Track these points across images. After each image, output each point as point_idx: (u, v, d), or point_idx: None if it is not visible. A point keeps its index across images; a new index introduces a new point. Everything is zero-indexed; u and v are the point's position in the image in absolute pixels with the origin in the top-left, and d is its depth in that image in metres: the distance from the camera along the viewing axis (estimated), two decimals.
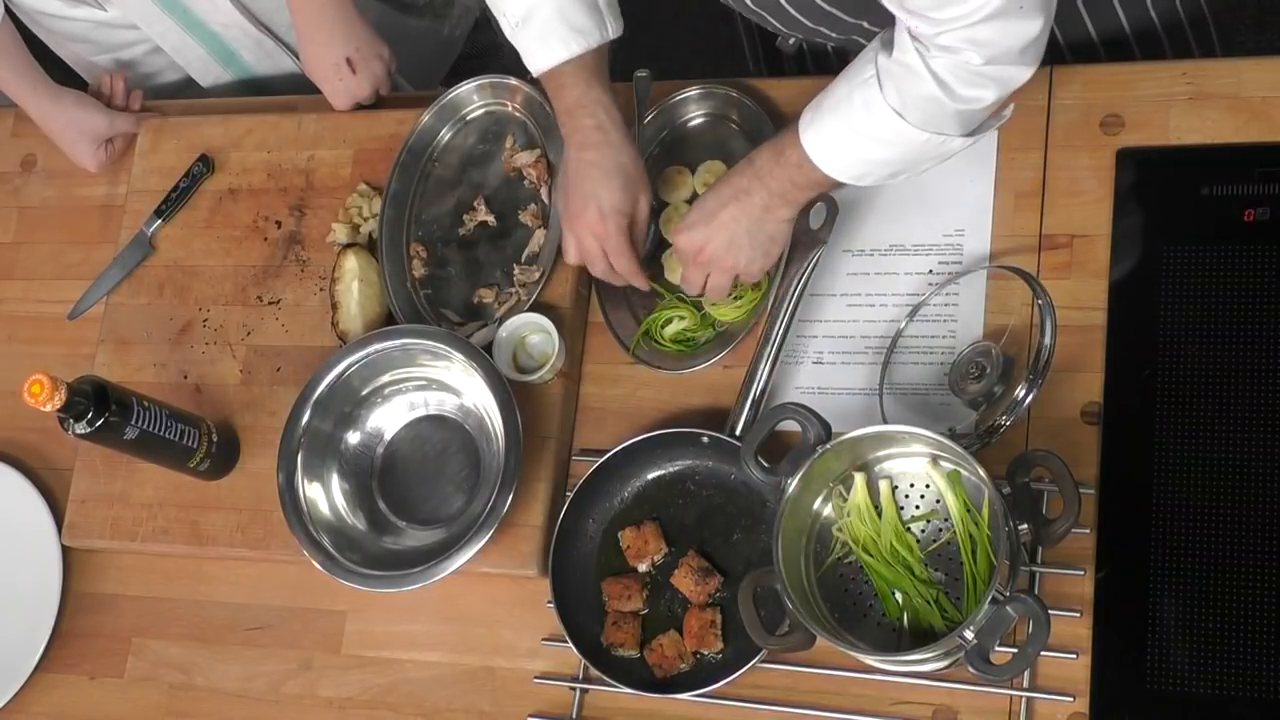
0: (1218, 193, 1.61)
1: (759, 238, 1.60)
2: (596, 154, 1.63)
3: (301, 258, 1.90)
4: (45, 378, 1.59)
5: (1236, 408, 1.54)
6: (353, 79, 1.95)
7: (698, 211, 1.62)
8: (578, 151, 1.65)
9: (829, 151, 1.50)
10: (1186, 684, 1.47)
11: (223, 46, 2.08)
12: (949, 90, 1.41)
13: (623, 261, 1.67)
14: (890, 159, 1.50)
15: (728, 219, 1.59)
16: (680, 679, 1.60)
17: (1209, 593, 1.49)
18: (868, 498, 1.51)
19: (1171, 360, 1.57)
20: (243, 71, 2.13)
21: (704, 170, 1.79)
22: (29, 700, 1.83)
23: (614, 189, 1.63)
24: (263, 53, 2.10)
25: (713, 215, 1.60)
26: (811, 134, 1.50)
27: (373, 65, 1.96)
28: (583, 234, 1.66)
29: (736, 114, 1.81)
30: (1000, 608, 1.38)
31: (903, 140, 1.46)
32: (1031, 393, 1.55)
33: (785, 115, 1.75)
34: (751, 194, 1.57)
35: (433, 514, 1.75)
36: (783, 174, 1.55)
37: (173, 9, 2.02)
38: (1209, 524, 1.51)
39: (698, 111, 1.83)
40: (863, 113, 1.46)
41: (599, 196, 1.63)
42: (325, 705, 1.75)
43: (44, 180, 2.11)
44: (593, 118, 1.63)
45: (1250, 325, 1.56)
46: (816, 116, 1.50)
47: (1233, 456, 1.53)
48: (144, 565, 1.86)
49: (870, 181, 1.54)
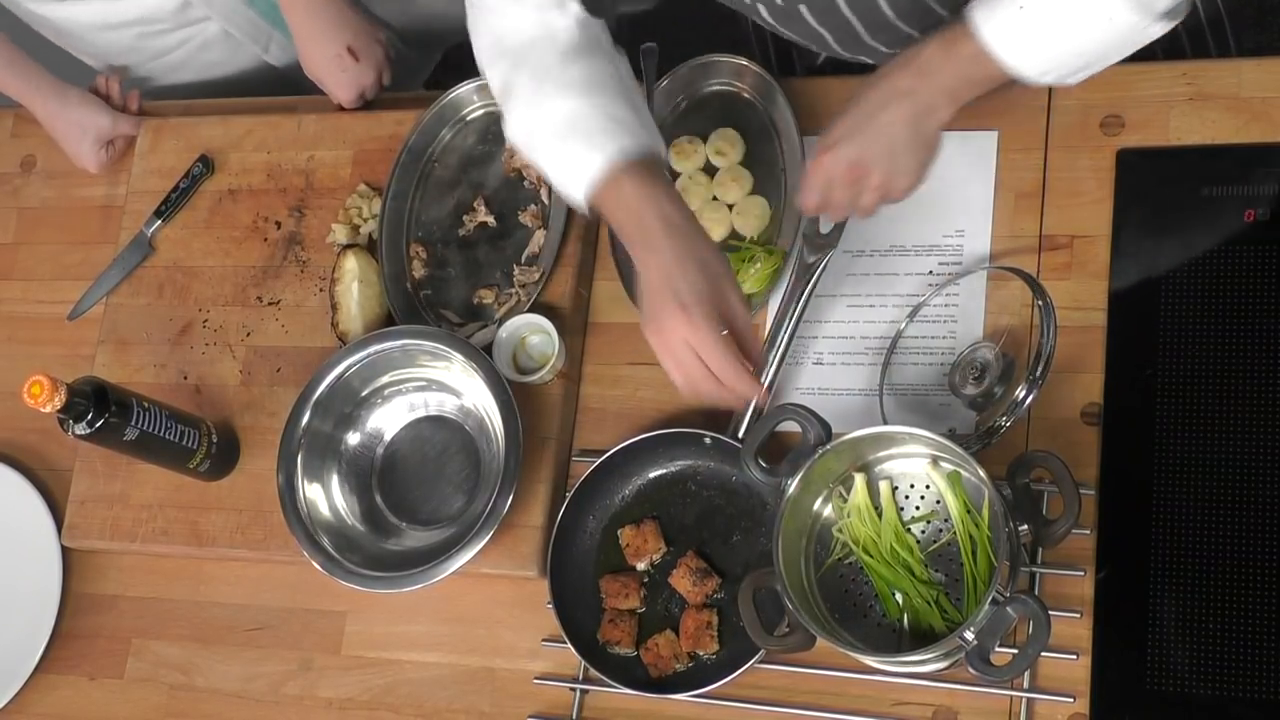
0: (1218, 193, 1.61)
1: (917, 145, 1.46)
2: (670, 250, 1.44)
3: (301, 258, 1.91)
4: (45, 378, 1.59)
5: (1237, 408, 1.54)
6: (355, 67, 1.93)
7: (846, 122, 1.47)
8: (646, 254, 1.46)
9: (1015, 41, 1.38)
10: (1186, 684, 1.47)
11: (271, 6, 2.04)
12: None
13: (718, 361, 1.41)
14: (1085, 48, 1.38)
15: (886, 124, 1.45)
16: (676, 679, 1.60)
17: (1209, 593, 1.49)
18: (868, 498, 1.51)
19: (1171, 360, 1.57)
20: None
21: (716, 138, 1.78)
22: (29, 701, 1.83)
23: (690, 275, 1.42)
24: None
25: (869, 119, 1.45)
26: (995, 23, 1.38)
27: (373, 50, 1.95)
28: (671, 340, 1.43)
29: (748, 83, 1.80)
30: (1000, 608, 1.38)
31: (1103, 24, 1.35)
32: (1031, 393, 1.54)
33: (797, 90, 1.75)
34: (916, 94, 1.44)
35: (433, 515, 1.76)
36: (954, 69, 1.42)
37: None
38: (1209, 524, 1.51)
39: (709, 81, 1.82)
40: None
41: (678, 290, 1.42)
42: (325, 706, 1.75)
43: (44, 180, 2.11)
44: (659, 216, 1.45)
45: (1250, 325, 1.56)
46: (997, 2, 1.37)
47: (1233, 456, 1.53)
48: (144, 566, 1.86)
49: (1052, 79, 1.42)
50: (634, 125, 1.49)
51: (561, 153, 1.51)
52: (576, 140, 1.48)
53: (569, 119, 1.49)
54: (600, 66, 1.54)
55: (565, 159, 1.50)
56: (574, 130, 1.49)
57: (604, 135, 1.47)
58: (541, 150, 1.54)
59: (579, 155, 1.48)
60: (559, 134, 1.50)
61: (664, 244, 1.44)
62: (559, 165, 1.51)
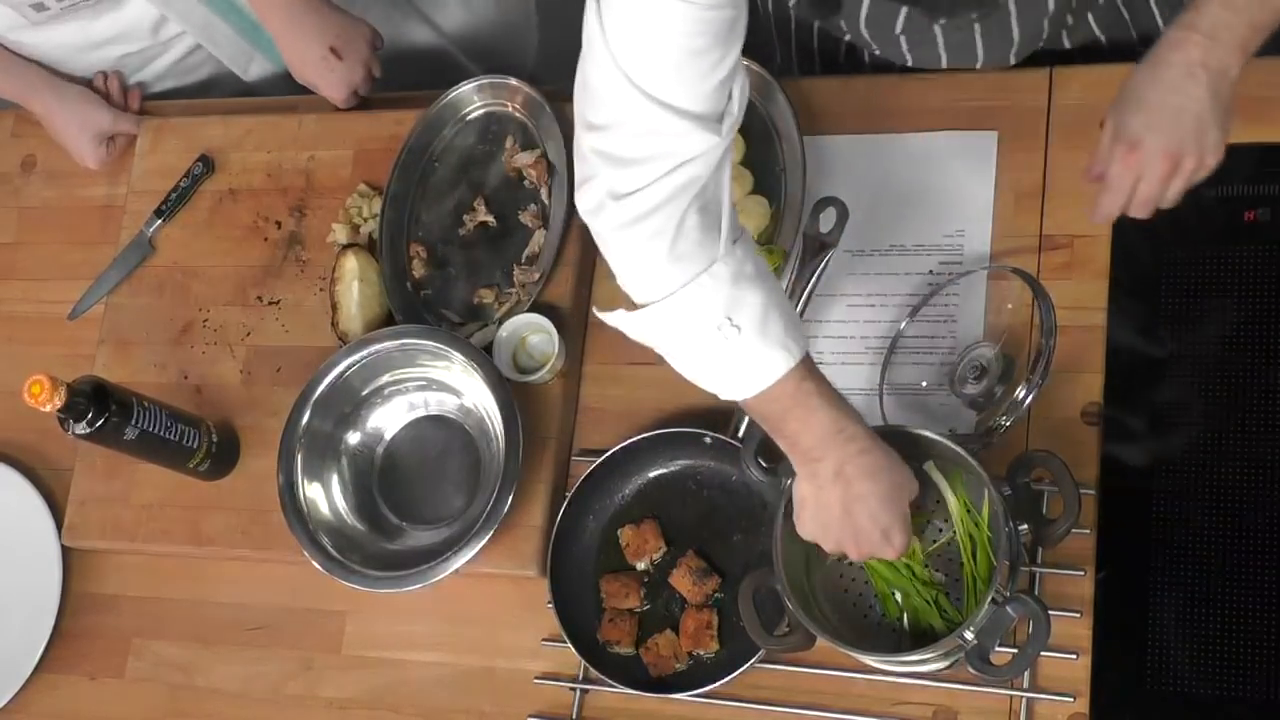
0: (1218, 193, 1.60)
1: (1221, 114, 1.38)
2: (871, 483, 1.37)
3: (301, 258, 1.91)
4: (45, 378, 1.59)
5: (1237, 408, 1.54)
6: (342, 66, 1.92)
7: (1143, 112, 1.38)
8: (845, 487, 1.37)
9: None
10: (1186, 684, 1.47)
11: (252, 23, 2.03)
12: None
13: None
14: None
15: (1191, 103, 1.36)
16: (676, 679, 1.60)
17: (1209, 593, 1.49)
18: None
19: (1172, 360, 1.57)
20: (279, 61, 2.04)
21: None
22: (29, 700, 1.83)
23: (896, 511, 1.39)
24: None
25: (1168, 103, 1.37)
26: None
27: (358, 48, 1.93)
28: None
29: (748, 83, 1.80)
30: (1000, 608, 1.38)
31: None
32: (1032, 393, 1.54)
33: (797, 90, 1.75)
34: (1208, 63, 1.35)
35: (433, 514, 1.76)
36: (1240, 20, 1.34)
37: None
38: (1209, 524, 1.51)
39: None
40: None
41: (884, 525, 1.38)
42: (325, 705, 1.75)
43: (44, 181, 2.11)
44: (857, 439, 1.36)
45: (1251, 325, 1.56)
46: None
47: (1233, 457, 1.53)
48: (144, 566, 1.86)
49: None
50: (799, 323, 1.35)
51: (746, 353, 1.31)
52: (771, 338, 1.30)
53: (762, 310, 1.30)
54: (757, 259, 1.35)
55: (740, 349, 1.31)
56: (766, 325, 1.30)
57: (796, 329, 1.32)
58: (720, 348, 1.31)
59: (768, 359, 1.31)
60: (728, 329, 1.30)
61: (868, 479, 1.36)
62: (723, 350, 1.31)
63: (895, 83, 1.78)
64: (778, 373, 1.32)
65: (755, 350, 1.30)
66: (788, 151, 1.75)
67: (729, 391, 1.35)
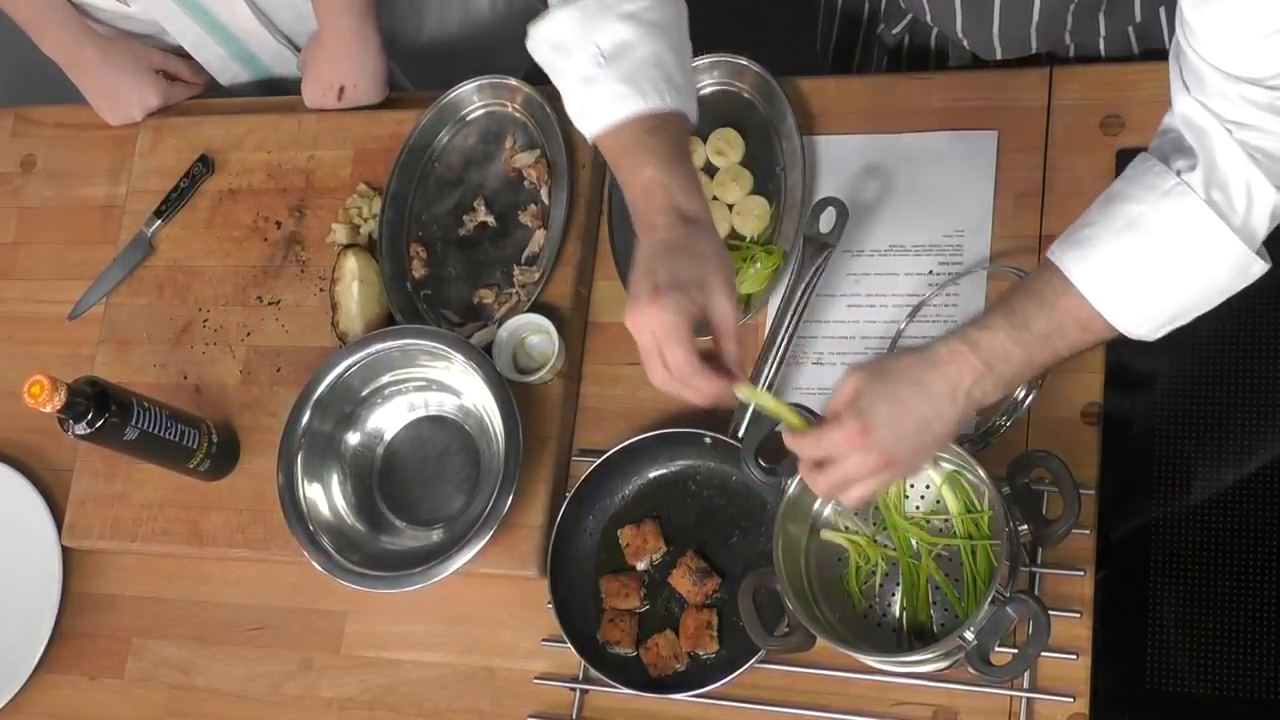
0: None
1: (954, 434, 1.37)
2: (666, 234, 1.34)
3: (301, 258, 1.91)
4: (45, 378, 1.59)
5: (1237, 408, 1.54)
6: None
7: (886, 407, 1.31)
8: (644, 233, 1.37)
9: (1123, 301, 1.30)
10: (1186, 684, 1.48)
11: (242, 49, 2.06)
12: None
13: (672, 352, 1.30)
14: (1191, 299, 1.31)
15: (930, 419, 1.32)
16: (675, 679, 1.60)
17: (1209, 593, 1.49)
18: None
19: (1171, 361, 1.57)
20: (262, 72, 2.11)
21: (716, 138, 1.78)
22: (29, 700, 1.83)
23: (675, 262, 1.32)
24: (281, 60, 2.09)
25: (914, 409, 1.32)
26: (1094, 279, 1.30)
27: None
28: (637, 324, 1.32)
29: (748, 83, 1.80)
30: (1000, 608, 1.38)
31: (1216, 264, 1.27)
32: (1031, 393, 1.55)
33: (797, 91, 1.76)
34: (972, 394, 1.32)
35: (433, 514, 1.76)
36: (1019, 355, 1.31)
37: (193, 10, 2.01)
38: (1209, 524, 1.51)
39: (708, 80, 1.82)
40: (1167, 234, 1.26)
41: (656, 274, 1.31)
42: (325, 705, 1.75)
43: (44, 180, 2.11)
44: (668, 204, 1.35)
45: (1250, 326, 1.56)
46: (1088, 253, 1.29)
47: (1233, 457, 1.53)
48: (144, 565, 1.86)
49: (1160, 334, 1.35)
50: (681, 85, 1.36)
51: (594, 80, 1.36)
52: (615, 73, 1.35)
53: (617, 48, 1.35)
54: (670, 10, 1.41)
55: (595, 89, 1.36)
56: (616, 62, 1.35)
57: (648, 84, 1.34)
58: (569, 69, 1.38)
59: (611, 91, 1.35)
60: (596, 60, 1.37)
61: (664, 230, 1.34)
62: (583, 91, 1.37)
63: (895, 83, 1.78)
64: (620, 113, 1.34)
65: (608, 85, 1.34)
66: (788, 151, 1.76)
67: (579, 122, 1.40)
